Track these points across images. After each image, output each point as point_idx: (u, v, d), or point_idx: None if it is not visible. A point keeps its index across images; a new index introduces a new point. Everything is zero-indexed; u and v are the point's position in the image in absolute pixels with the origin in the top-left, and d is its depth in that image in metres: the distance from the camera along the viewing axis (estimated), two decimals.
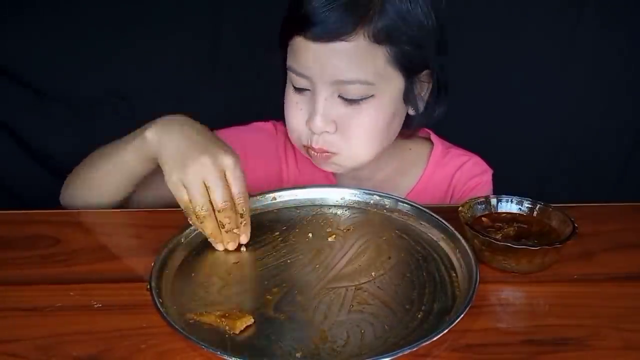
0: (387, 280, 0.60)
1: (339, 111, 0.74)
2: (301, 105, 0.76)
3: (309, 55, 0.72)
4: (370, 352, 0.49)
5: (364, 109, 0.74)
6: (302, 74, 0.73)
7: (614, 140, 1.33)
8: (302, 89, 0.75)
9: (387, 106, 0.76)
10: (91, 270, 0.63)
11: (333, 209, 0.73)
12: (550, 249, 0.60)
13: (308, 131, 0.77)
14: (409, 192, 0.87)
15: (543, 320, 0.55)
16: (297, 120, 0.78)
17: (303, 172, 0.89)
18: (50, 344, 0.51)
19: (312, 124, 0.74)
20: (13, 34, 1.14)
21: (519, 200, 0.68)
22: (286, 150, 0.90)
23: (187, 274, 0.60)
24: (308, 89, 0.75)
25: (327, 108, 0.74)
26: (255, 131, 0.91)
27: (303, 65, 0.73)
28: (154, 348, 0.50)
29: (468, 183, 0.88)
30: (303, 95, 0.76)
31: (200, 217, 0.61)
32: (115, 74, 1.18)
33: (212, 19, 1.17)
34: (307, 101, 0.76)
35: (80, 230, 0.72)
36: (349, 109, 0.74)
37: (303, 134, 0.78)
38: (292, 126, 0.79)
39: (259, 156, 0.88)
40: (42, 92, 1.19)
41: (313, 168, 0.88)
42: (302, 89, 0.75)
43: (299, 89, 0.76)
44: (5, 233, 0.70)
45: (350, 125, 0.75)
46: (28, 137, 1.22)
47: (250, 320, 0.52)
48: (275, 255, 0.64)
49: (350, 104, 0.74)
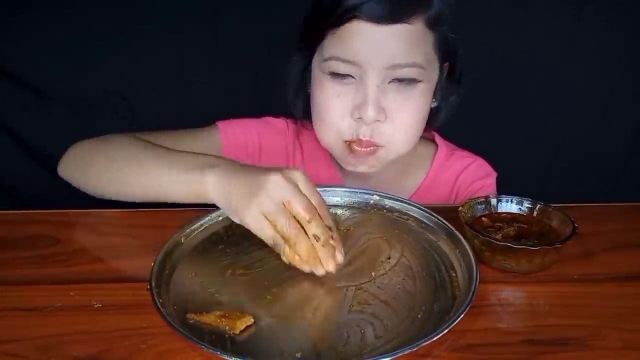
0: (387, 280, 0.60)
1: (389, 98, 0.72)
2: (343, 96, 0.73)
3: (365, 41, 0.69)
4: (370, 352, 0.49)
5: (413, 95, 0.73)
6: (351, 61, 0.70)
7: (614, 140, 1.33)
8: (346, 75, 0.72)
9: (429, 94, 0.76)
10: (91, 270, 0.63)
11: (333, 209, 0.73)
12: (550, 249, 0.60)
13: (352, 124, 0.74)
14: (413, 194, 0.87)
15: (543, 320, 0.55)
16: (338, 112, 0.74)
17: (308, 169, 0.89)
18: (50, 344, 0.51)
19: (364, 112, 0.71)
20: (12, 34, 1.14)
21: (519, 200, 0.68)
22: (294, 148, 0.89)
23: (187, 274, 0.60)
24: (352, 76, 0.72)
25: (379, 95, 0.71)
26: (270, 128, 0.89)
27: (356, 52, 0.70)
28: (154, 348, 0.50)
29: (472, 185, 0.88)
30: (346, 85, 0.73)
31: (291, 240, 0.56)
32: (115, 73, 1.18)
33: (211, 19, 1.17)
34: (351, 91, 0.73)
35: (80, 230, 0.72)
36: (398, 96, 0.73)
37: (345, 128, 0.74)
38: (332, 119, 0.75)
39: (271, 153, 0.87)
40: (41, 92, 1.18)
41: (318, 167, 0.88)
42: (345, 76, 0.72)
43: (341, 77, 0.72)
44: (5, 233, 0.70)
45: (400, 113, 0.73)
46: (27, 137, 1.22)
47: (250, 320, 0.52)
48: (275, 255, 0.64)
49: (401, 90, 0.72)
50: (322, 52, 0.74)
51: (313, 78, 0.77)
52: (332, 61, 0.72)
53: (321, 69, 0.74)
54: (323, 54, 0.74)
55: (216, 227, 0.69)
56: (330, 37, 0.72)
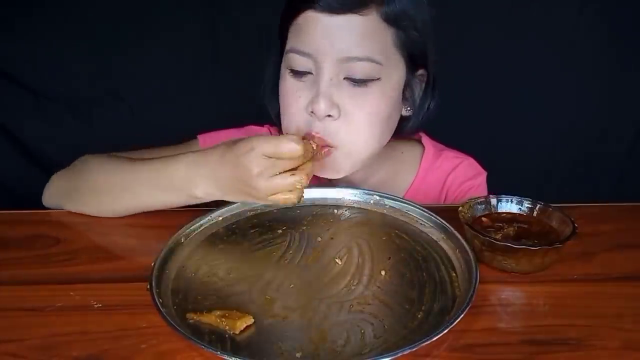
0: (387, 280, 0.60)
1: (343, 94, 0.71)
2: (300, 92, 0.73)
3: (318, 30, 0.70)
4: (370, 352, 0.49)
5: (370, 92, 0.72)
6: (307, 53, 0.71)
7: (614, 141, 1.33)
8: (303, 72, 0.72)
9: (390, 93, 0.74)
10: (91, 270, 0.63)
11: (333, 209, 0.73)
12: (550, 249, 0.60)
13: (308, 118, 0.72)
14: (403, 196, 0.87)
15: (543, 320, 0.55)
16: (295, 108, 0.74)
17: None
18: (50, 344, 0.51)
19: (315, 105, 0.70)
20: (11, 36, 1.14)
21: (519, 200, 0.68)
22: None
23: (187, 274, 0.60)
24: (310, 72, 0.72)
25: (332, 89, 0.71)
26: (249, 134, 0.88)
27: (310, 42, 0.70)
28: (154, 348, 0.50)
29: (462, 186, 0.87)
30: (303, 82, 0.73)
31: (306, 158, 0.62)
32: (113, 74, 1.18)
33: (210, 21, 1.18)
34: (308, 87, 0.72)
35: (80, 230, 0.72)
36: (353, 92, 0.71)
37: (302, 122, 0.73)
38: (291, 115, 0.75)
39: None
40: (40, 93, 1.19)
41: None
42: (303, 72, 0.72)
43: (298, 74, 0.73)
44: (5, 233, 0.70)
45: (355, 110, 0.71)
46: (26, 137, 1.22)
47: (250, 320, 0.52)
48: (275, 255, 0.64)
49: (356, 87, 0.71)
50: (285, 46, 0.75)
51: (280, 76, 0.77)
52: (290, 54, 0.73)
53: (284, 64, 0.75)
54: (285, 48, 0.74)
55: (216, 227, 0.69)
56: (290, 31, 0.73)
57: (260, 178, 0.61)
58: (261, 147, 0.60)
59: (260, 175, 0.61)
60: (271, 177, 0.61)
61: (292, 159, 0.61)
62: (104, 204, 0.73)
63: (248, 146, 0.61)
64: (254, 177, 0.61)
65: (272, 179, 0.61)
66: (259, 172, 0.60)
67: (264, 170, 0.60)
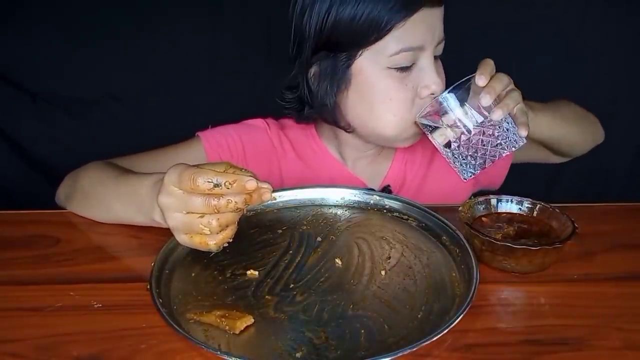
0: (387, 280, 0.60)
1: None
2: (406, 81, 0.76)
3: (426, 24, 0.74)
4: (370, 352, 0.49)
5: (440, 63, 0.79)
6: (417, 47, 0.74)
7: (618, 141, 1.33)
8: (405, 67, 0.75)
9: None
10: (91, 270, 0.63)
11: (333, 209, 0.73)
12: (550, 249, 0.60)
13: (410, 105, 0.76)
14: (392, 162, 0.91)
15: (543, 320, 0.55)
16: (402, 98, 0.76)
17: (305, 159, 0.89)
18: (50, 344, 0.51)
19: (434, 86, 0.75)
20: (8, 37, 1.14)
21: (519, 200, 0.68)
22: (281, 142, 0.89)
23: (187, 274, 0.60)
24: (410, 65, 0.75)
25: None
26: (249, 129, 0.90)
27: (420, 36, 0.74)
28: (154, 348, 0.51)
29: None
30: (409, 74, 0.76)
31: (220, 208, 0.55)
32: (111, 76, 1.18)
33: (209, 21, 1.17)
34: (411, 78, 0.76)
35: (80, 230, 0.72)
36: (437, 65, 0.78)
37: (406, 111, 0.76)
38: (397, 108, 0.76)
39: (257, 152, 0.88)
40: (37, 95, 1.18)
41: (313, 154, 0.88)
42: (405, 67, 0.75)
43: (404, 69, 0.75)
44: (5, 233, 0.70)
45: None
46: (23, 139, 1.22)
47: (250, 320, 0.52)
48: (275, 255, 0.64)
49: (437, 62, 0.78)
50: (383, 49, 0.74)
51: (363, 76, 0.77)
52: (401, 54, 0.75)
53: (385, 64, 0.75)
54: (387, 50, 0.74)
55: None
56: (394, 33, 0.73)
57: (168, 213, 0.57)
58: (169, 177, 0.56)
59: (168, 209, 0.56)
60: (179, 213, 0.56)
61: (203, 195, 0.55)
62: (92, 211, 0.74)
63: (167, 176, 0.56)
64: (165, 213, 0.57)
65: (177, 216, 0.56)
66: (167, 207, 0.56)
67: (170, 205, 0.56)
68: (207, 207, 0.55)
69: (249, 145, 0.87)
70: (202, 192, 0.54)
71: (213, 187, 0.54)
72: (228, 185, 0.54)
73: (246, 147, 0.87)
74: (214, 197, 0.54)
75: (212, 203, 0.54)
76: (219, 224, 0.56)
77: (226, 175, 0.54)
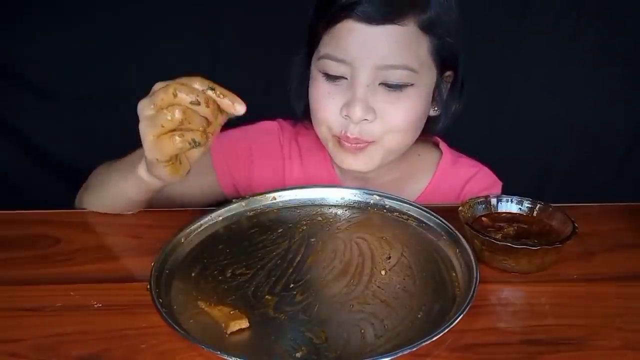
0: (387, 280, 0.60)
1: (379, 99, 0.73)
2: (334, 94, 0.74)
3: (356, 39, 0.70)
4: (370, 352, 0.49)
5: (404, 96, 0.73)
6: (343, 60, 0.71)
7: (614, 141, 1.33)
8: (338, 77, 0.73)
9: (423, 98, 0.75)
10: (91, 270, 0.63)
11: (333, 209, 0.73)
12: (550, 249, 0.60)
13: (342, 121, 0.74)
14: (416, 199, 0.87)
15: (543, 320, 0.55)
16: (328, 110, 0.75)
17: (307, 170, 0.89)
18: (50, 344, 0.51)
19: (351, 111, 0.72)
20: (13, 34, 1.15)
21: (519, 200, 0.68)
22: (291, 149, 0.89)
23: (187, 274, 0.60)
24: (344, 77, 0.73)
25: (368, 95, 0.72)
26: (261, 131, 0.90)
27: (347, 50, 0.71)
28: (154, 348, 0.51)
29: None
30: (337, 85, 0.74)
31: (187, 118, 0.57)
32: (116, 73, 1.18)
33: (212, 19, 1.18)
34: (342, 91, 0.74)
35: (80, 230, 0.72)
36: (388, 96, 0.73)
37: (335, 124, 0.75)
38: (323, 117, 0.76)
39: (265, 156, 0.88)
40: (42, 92, 1.19)
41: (317, 166, 0.88)
42: (337, 77, 0.73)
43: (333, 78, 0.74)
44: (5, 233, 0.70)
45: (390, 112, 0.73)
46: (28, 136, 1.22)
47: (245, 323, 0.52)
48: (275, 255, 0.64)
49: (391, 92, 0.72)
50: (318, 51, 0.75)
51: (310, 76, 0.78)
52: (325, 60, 0.73)
53: (316, 67, 0.76)
54: (319, 52, 0.75)
55: (216, 227, 0.69)
56: (325, 36, 0.74)
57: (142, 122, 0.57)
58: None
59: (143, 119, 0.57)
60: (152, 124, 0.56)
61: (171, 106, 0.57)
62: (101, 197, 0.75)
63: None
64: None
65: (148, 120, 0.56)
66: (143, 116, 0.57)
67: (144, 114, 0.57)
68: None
69: (257, 147, 0.88)
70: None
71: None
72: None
73: (253, 150, 0.87)
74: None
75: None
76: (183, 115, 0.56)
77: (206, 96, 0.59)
